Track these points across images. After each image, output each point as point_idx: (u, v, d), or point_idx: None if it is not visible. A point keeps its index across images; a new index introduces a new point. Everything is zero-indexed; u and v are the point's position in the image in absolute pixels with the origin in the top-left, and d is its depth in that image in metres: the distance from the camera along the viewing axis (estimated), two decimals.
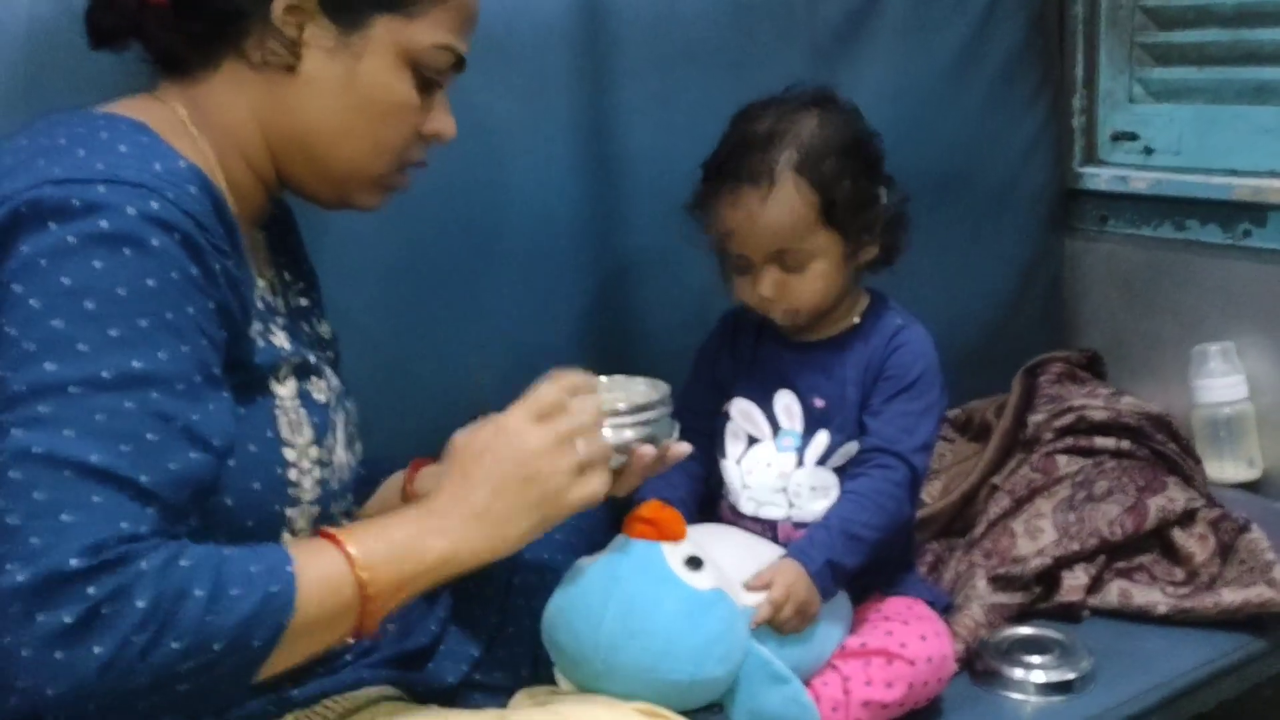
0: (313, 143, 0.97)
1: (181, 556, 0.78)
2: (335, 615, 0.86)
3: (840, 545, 1.15)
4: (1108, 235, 1.98)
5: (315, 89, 0.95)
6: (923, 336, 1.27)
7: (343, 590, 0.86)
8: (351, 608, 0.87)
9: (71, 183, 0.80)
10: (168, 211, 0.82)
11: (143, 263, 0.80)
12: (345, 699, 1.01)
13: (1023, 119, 1.91)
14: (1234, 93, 1.80)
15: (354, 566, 0.86)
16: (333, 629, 0.87)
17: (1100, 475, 1.56)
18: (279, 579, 0.82)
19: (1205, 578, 1.45)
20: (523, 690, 1.13)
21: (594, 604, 1.04)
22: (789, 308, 1.24)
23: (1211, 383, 1.76)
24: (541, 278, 1.50)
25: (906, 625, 1.21)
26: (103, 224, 0.80)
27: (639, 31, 1.53)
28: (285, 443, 0.93)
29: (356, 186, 1.01)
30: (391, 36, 0.95)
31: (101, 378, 0.78)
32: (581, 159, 1.51)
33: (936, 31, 1.80)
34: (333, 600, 0.86)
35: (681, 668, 1.04)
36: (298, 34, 0.94)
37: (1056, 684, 1.29)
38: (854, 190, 1.21)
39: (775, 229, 1.20)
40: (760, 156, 1.20)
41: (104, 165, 0.82)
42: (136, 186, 0.81)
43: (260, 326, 0.95)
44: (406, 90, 0.98)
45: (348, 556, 0.87)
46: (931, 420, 1.25)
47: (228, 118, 0.96)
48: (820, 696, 1.14)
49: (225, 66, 0.95)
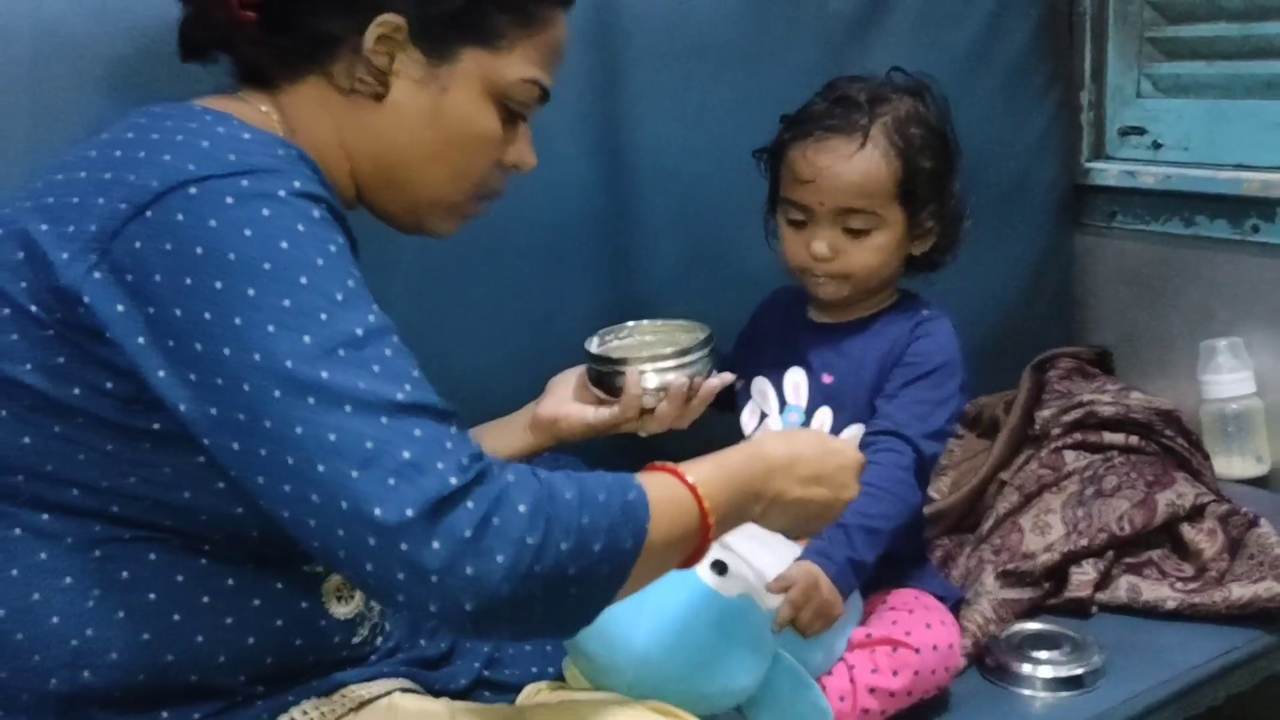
0: (395, 169, 0.99)
1: (538, 473, 0.81)
2: (682, 535, 0.89)
3: (859, 541, 1.15)
4: (1116, 231, 1.97)
5: (401, 118, 0.96)
6: (949, 329, 1.28)
7: (689, 512, 0.89)
8: (695, 530, 0.90)
9: (213, 179, 0.81)
10: (311, 187, 0.84)
11: (317, 234, 0.82)
12: (361, 688, 1.01)
13: (1032, 114, 1.90)
14: (1243, 88, 1.79)
15: (696, 493, 0.90)
16: (679, 549, 0.90)
17: (1109, 471, 1.56)
18: (632, 488, 0.85)
19: (1214, 573, 1.44)
20: (532, 686, 1.14)
21: (626, 614, 1.03)
22: (838, 272, 1.25)
23: (1220, 378, 1.75)
24: (554, 272, 1.50)
25: (912, 614, 1.22)
26: (265, 212, 0.81)
27: (651, 25, 1.52)
28: None
29: (435, 214, 1.03)
30: (479, 69, 0.97)
31: (356, 335, 0.79)
32: (594, 153, 1.51)
33: (947, 27, 1.79)
34: (681, 520, 0.89)
35: (714, 679, 1.04)
36: (388, 63, 0.95)
37: (1066, 679, 1.29)
38: (933, 174, 1.24)
39: (855, 185, 1.21)
40: (858, 114, 1.23)
41: (235, 156, 0.83)
42: (273, 172, 0.83)
43: None
44: (491, 122, 0.99)
45: (689, 486, 0.90)
46: (947, 411, 1.25)
47: (312, 131, 0.96)
48: (827, 686, 1.15)
49: (309, 83, 0.96)
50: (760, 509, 0.98)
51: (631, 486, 0.86)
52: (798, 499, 0.99)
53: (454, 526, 0.75)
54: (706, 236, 1.58)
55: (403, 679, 1.05)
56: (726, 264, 1.35)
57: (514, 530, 0.76)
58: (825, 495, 1.01)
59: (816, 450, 1.01)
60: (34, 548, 0.87)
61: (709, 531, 0.91)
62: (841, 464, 1.03)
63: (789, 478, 0.98)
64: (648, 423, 1.21)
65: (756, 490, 0.96)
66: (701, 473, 0.92)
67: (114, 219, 0.81)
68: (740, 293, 1.36)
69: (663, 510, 0.86)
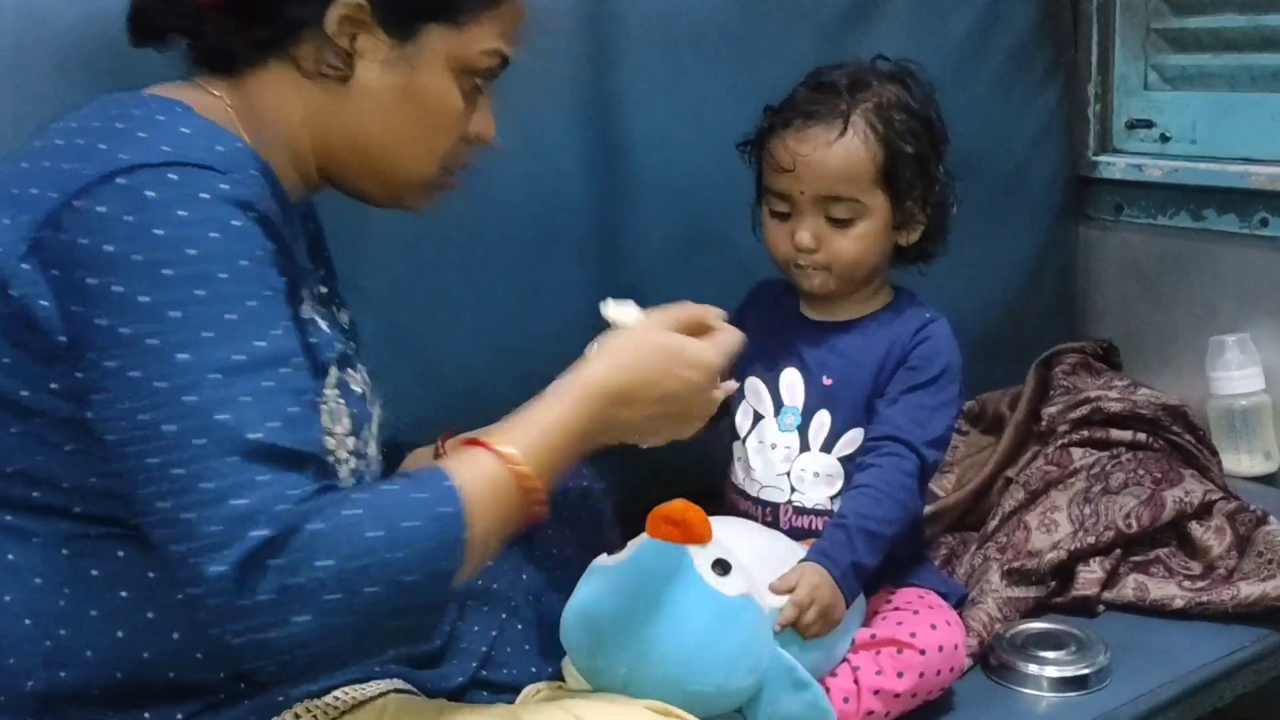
0: (368, 151, 0.99)
1: (346, 506, 0.81)
2: (506, 515, 0.90)
3: (861, 544, 1.14)
4: (1123, 224, 1.96)
5: (371, 99, 0.96)
6: (949, 332, 1.27)
7: (507, 489, 0.89)
8: (518, 503, 0.90)
9: (142, 168, 0.81)
10: (239, 190, 0.83)
11: (230, 245, 0.82)
12: (354, 690, 1.00)
13: (1035, 105, 1.89)
14: (1251, 79, 1.78)
15: (510, 464, 0.89)
16: (508, 525, 0.91)
17: (1116, 467, 1.55)
18: (446, 499, 0.85)
19: (1222, 571, 1.43)
20: (531, 687, 1.13)
21: (621, 611, 1.03)
22: (823, 263, 1.23)
23: (1228, 374, 1.75)
24: (546, 264, 1.49)
25: (917, 615, 1.21)
26: (182, 213, 0.80)
27: (644, 16, 1.52)
28: (325, 431, 0.93)
29: (409, 190, 1.03)
30: (444, 46, 0.96)
31: (236, 361, 0.80)
32: (586, 145, 1.50)
33: (946, 16, 1.78)
34: (504, 504, 0.89)
35: (712, 678, 1.03)
36: (351, 45, 0.94)
37: (1072, 679, 1.27)
38: (917, 160, 1.22)
39: (836, 172, 1.20)
40: (838, 101, 1.21)
41: (169, 148, 0.82)
42: (205, 169, 0.82)
43: (308, 311, 0.96)
44: (457, 98, 0.99)
45: (502, 457, 0.89)
46: (947, 417, 1.24)
47: (275, 117, 0.96)
48: (831, 688, 1.13)
49: (274, 68, 0.96)
50: (607, 438, 0.99)
51: (447, 496, 0.85)
52: (650, 416, 1.00)
53: (255, 590, 0.76)
54: (699, 228, 1.57)
55: (395, 680, 1.04)
56: (719, 255, 1.34)
57: (318, 590, 0.78)
58: (680, 405, 1.02)
59: (654, 365, 1.00)
60: (2, 548, 0.87)
61: (538, 501, 0.91)
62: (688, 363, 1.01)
63: (629, 404, 0.98)
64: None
65: (590, 431, 0.96)
66: (519, 439, 0.91)
67: (45, 208, 0.81)
68: (734, 284, 1.35)
69: (482, 505, 0.86)
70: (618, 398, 0.97)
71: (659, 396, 0.99)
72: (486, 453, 0.90)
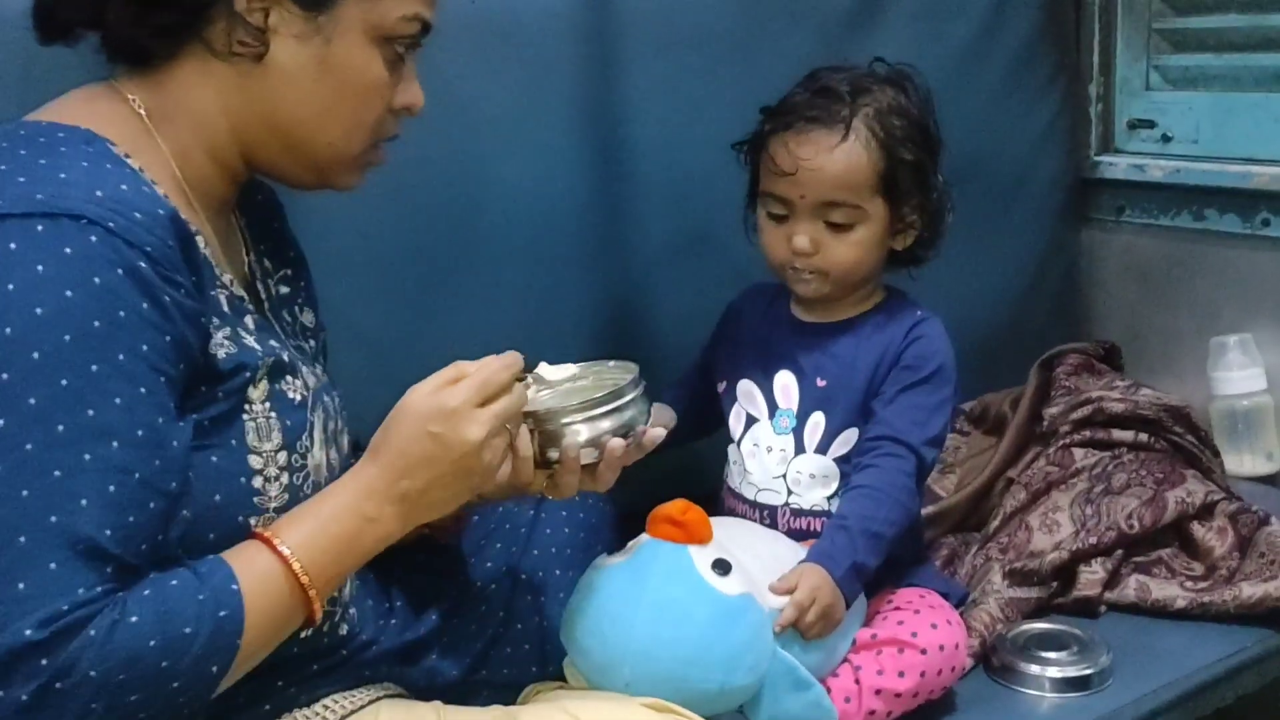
0: (290, 130, 0.95)
1: (130, 612, 0.78)
2: (283, 619, 0.88)
3: (862, 545, 1.14)
4: (1125, 225, 1.96)
5: (288, 76, 0.93)
6: (942, 331, 1.27)
7: (286, 594, 0.87)
8: (297, 606, 0.88)
9: (9, 218, 0.78)
10: (109, 245, 0.80)
11: (86, 305, 0.78)
12: (347, 697, 1.00)
13: (1038, 106, 1.89)
14: (1253, 79, 1.78)
15: (290, 566, 0.87)
16: (284, 630, 0.89)
17: (1118, 468, 1.55)
18: (226, 602, 0.83)
19: (1224, 571, 1.44)
20: (530, 687, 1.13)
21: (623, 611, 1.03)
22: (819, 268, 1.23)
23: (1230, 375, 1.75)
24: (545, 268, 1.49)
25: (918, 614, 1.21)
26: (39, 268, 0.77)
27: (645, 17, 1.51)
28: (252, 450, 0.91)
29: (337, 168, 0.99)
30: (360, 14, 0.93)
31: (57, 432, 0.76)
32: (586, 147, 1.49)
33: (948, 17, 1.78)
34: (279, 606, 0.87)
35: (712, 677, 1.03)
36: (264, 21, 0.91)
37: (1073, 680, 1.28)
38: (915, 166, 1.22)
39: (837, 177, 1.20)
40: (840, 105, 1.21)
41: (44, 195, 0.80)
42: (76, 219, 0.79)
43: (228, 331, 0.92)
44: (379, 68, 0.96)
45: (282, 558, 0.87)
46: (943, 416, 1.24)
47: (193, 108, 0.93)
48: (833, 688, 1.14)
49: (188, 56, 0.93)
50: (410, 517, 0.93)
51: (226, 599, 0.83)
52: (433, 481, 0.92)
53: (13, 685, 0.73)
54: (700, 229, 1.56)
55: (386, 684, 1.03)
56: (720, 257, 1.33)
57: (78, 697, 0.75)
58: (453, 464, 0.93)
59: (405, 431, 0.93)
60: None
61: (312, 601, 0.88)
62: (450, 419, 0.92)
63: (406, 474, 0.92)
64: (572, 483, 1.05)
65: (374, 514, 0.91)
66: (298, 535, 0.88)
67: None
68: (734, 286, 1.35)
69: (259, 608, 0.84)
70: (391, 470, 0.92)
71: (421, 460, 0.92)
72: (268, 550, 0.87)
